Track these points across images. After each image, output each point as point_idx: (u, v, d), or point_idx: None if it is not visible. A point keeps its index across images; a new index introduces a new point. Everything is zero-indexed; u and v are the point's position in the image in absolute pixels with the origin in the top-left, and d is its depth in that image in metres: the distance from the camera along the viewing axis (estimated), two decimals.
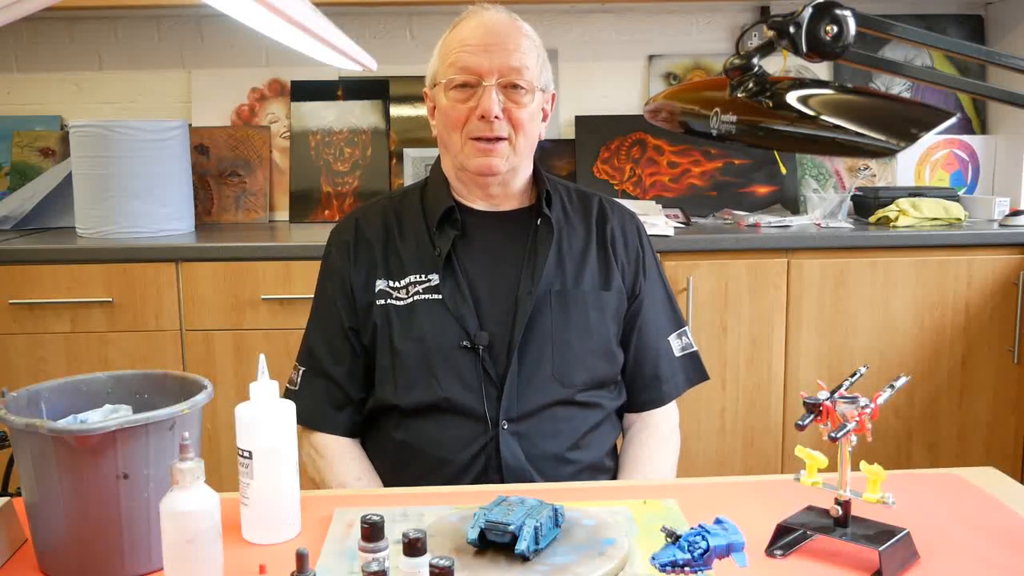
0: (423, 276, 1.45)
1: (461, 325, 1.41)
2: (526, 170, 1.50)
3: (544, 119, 1.50)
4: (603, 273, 1.49)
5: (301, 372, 1.50)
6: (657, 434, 1.54)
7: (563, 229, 1.49)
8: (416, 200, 1.52)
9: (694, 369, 1.59)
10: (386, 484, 1.46)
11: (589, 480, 1.45)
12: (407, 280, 1.45)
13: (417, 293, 1.44)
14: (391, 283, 1.46)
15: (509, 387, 1.40)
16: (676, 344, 1.56)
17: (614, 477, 1.52)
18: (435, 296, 1.43)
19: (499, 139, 1.42)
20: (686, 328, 1.59)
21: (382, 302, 1.45)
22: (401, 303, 1.44)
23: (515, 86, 1.41)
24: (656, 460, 1.51)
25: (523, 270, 1.45)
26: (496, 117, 1.40)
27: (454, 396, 1.40)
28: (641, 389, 1.54)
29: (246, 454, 1.09)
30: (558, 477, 1.42)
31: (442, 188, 1.49)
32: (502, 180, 1.47)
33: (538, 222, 1.48)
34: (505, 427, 1.40)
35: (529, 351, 1.42)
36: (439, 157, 1.54)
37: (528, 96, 1.43)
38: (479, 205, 1.50)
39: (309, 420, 1.47)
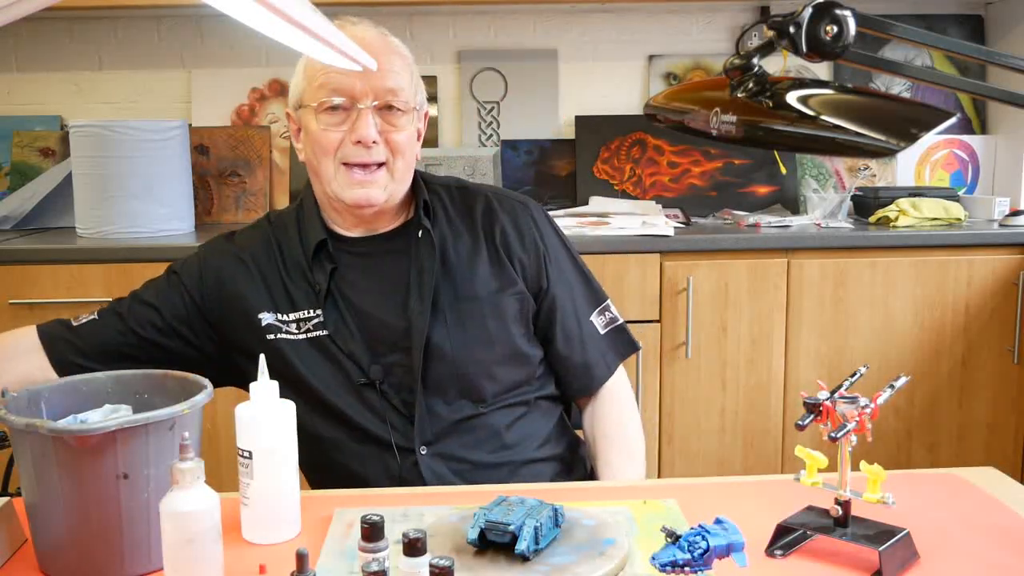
0: (310, 312, 1.38)
1: (354, 362, 1.37)
2: (404, 191, 1.41)
3: (418, 138, 1.42)
4: (497, 277, 1.42)
5: (89, 318, 1.45)
6: (617, 401, 1.52)
7: (447, 238, 1.42)
8: (293, 228, 1.44)
9: (622, 342, 1.53)
10: None
11: (530, 474, 1.42)
12: (296, 316, 1.39)
13: (308, 330, 1.38)
14: (280, 316, 1.39)
15: (419, 414, 1.36)
16: (599, 321, 1.50)
17: (567, 464, 1.48)
18: (323, 332, 1.38)
19: (378, 165, 1.35)
20: (608, 303, 1.53)
21: (272, 336, 1.39)
22: (294, 337, 1.38)
23: (391, 108, 1.34)
24: (626, 425, 1.51)
25: (411, 290, 1.39)
26: (374, 142, 1.33)
27: (368, 429, 1.37)
28: (573, 378, 1.50)
29: (246, 454, 1.09)
30: (495, 481, 1.38)
31: (314, 218, 1.42)
32: (379, 209, 1.39)
33: (419, 234, 1.41)
34: (423, 452, 1.37)
35: (432, 374, 1.37)
36: (308, 182, 1.45)
37: (406, 118, 1.36)
38: (355, 232, 1.42)
39: (48, 332, 1.41)
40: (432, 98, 3.05)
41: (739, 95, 1.01)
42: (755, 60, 1.00)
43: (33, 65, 3.04)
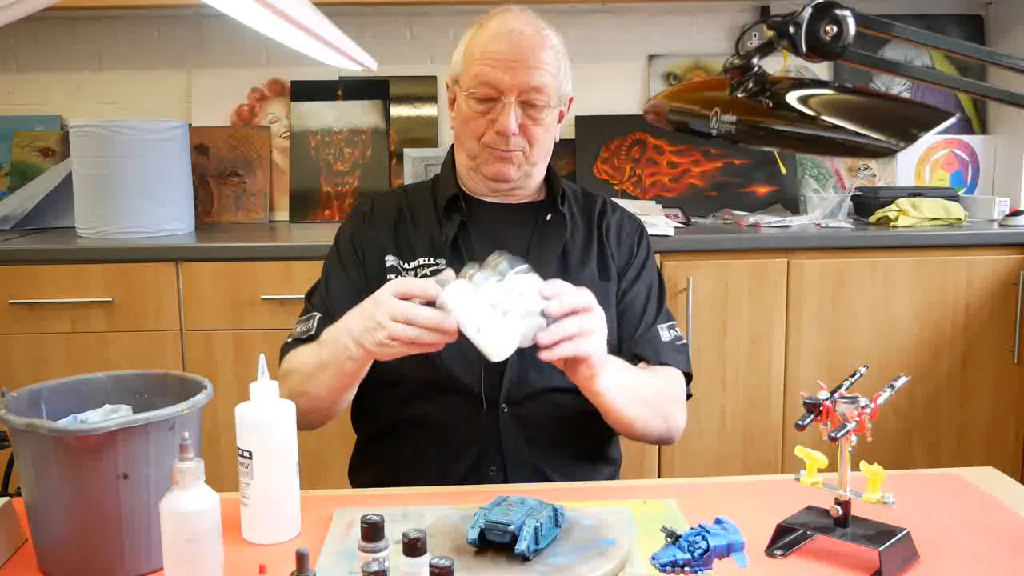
0: (431, 260, 1.47)
1: None
2: (539, 174, 1.53)
3: (559, 120, 1.53)
4: (602, 265, 1.51)
5: (317, 319, 1.46)
6: (666, 374, 1.46)
7: (568, 227, 1.52)
8: (427, 189, 1.57)
9: (683, 358, 1.51)
10: (385, 460, 1.48)
11: (589, 467, 1.46)
12: (416, 263, 1.48)
13: (425, 276, 1.45)
14: (402, 262, 1.48)
15: (510, 370, 1.41)
16: (665, 332, 1.51)
17: (618, 472, 1.53)
18: None
19: (513, 150, 1.46)
20: (676, 323, 1.55)
21: (392, 277, 1.46)
22: None
23: (534, 104, 1.44)
24: (663, 383, 1.44)
25: (527, 259, 1.45)
26: (513, 133, 1.43)
27: (457, 376, 1.42)
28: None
29: (246, 454, 1.09)
30: (557, 460, 1.43)
31: (450, 177, 1.53)
32: (513, 185, 1.50)
33: (548, 217, 1.51)
34: (505, 409, 1.42)
35: None
36: (451, 149, 1.56)
37: (546, 111, 1.45)
38: (486, 196, 1.53)
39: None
40: (432, 98, 3.05)
41: (739, 95, 1.01)
42: (755, 60, 1.00)
43: (33, 65, 3.04)
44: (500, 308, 1.15)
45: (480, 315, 1.15)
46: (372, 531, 0.91)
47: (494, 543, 1.02)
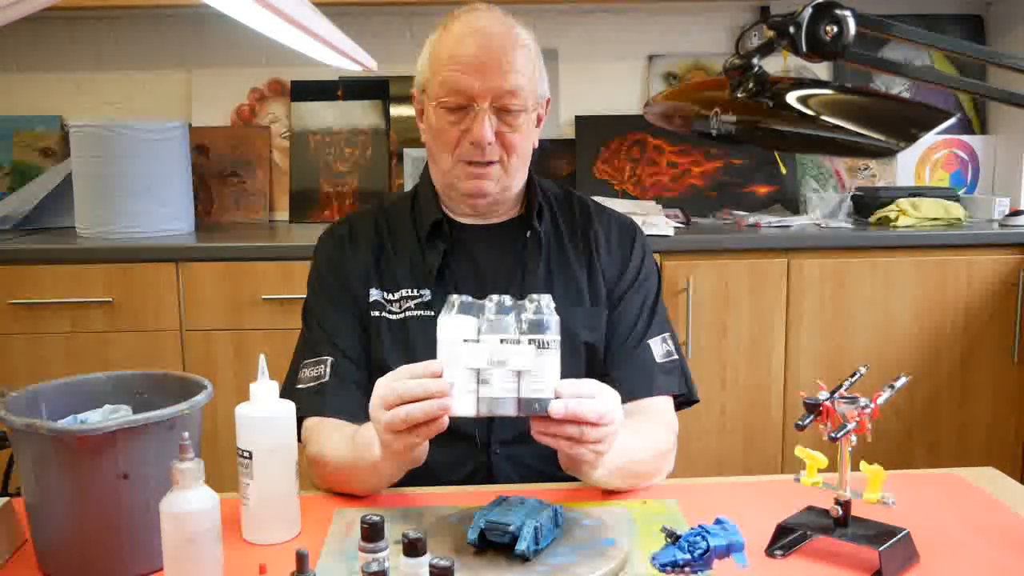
0: (415, 291, 1.38)
1: None
2: (518, 184, 1.42)
3: (538, 125, 1.42)
4: (592, 288, 1.42)
5: (330, 363, 1.36)
6: (654, 417, 1.36)
7: (552, 243, 1.43)
8: (406, 211, 1.46)
9: (673, 379, 1.41)
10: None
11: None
12: (400, 294, 1.39)
13: (409, 308, 1.38)
14: (385, 295, 1.39)
15: None
16: (657, 348, 1.41)
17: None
18: (427, 313, 1.36)
19: (491, 163, 1.36)
20: (668, 335, 1.44)
21: (376, 314, 1.39)
22: (394, 317, 1.38)
23: (509, 110, 1.33)
24: (651, 434, 1.31)
25: (511, 286, 1.37)
26: (489, 143, 1.33)
27: (454, 419, 1.31)
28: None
29: (246, 454, 1.09)
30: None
31: (431, 200, 1.43)
32: (492, 200, 1.40)
33: (527, 235, 1.42)
34: (497, 451, 1.36)
35: None
36: (427, 166, 1.47)
37: (523, 116, 1.35)
38: (467, 219, 1.43)
39: (353, 417, 1.30)
40: None
41: (739, 95, 1.01)
42: (755, 60, 1.00)
43: (33, 65, 3.03)
44: (482, 374, 1.06)
45: (458, 372, 1.06)
46: (372, 531, 0.91)
47: (494, 543, 1.02)
